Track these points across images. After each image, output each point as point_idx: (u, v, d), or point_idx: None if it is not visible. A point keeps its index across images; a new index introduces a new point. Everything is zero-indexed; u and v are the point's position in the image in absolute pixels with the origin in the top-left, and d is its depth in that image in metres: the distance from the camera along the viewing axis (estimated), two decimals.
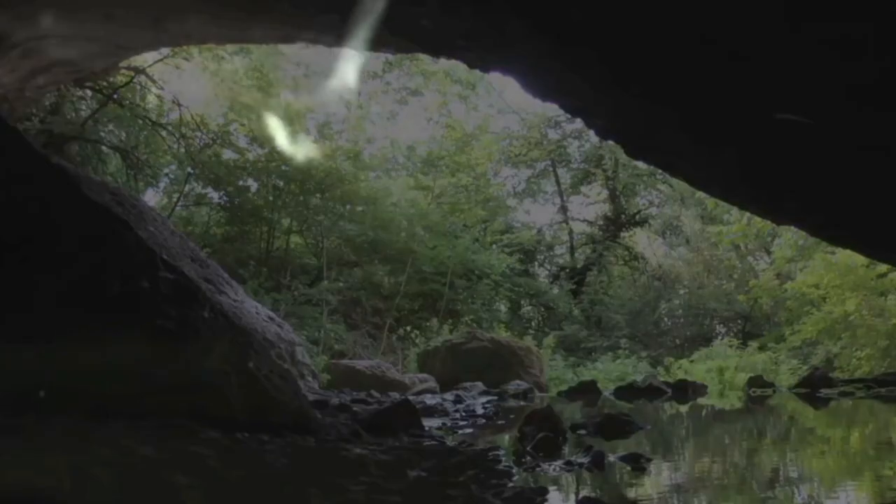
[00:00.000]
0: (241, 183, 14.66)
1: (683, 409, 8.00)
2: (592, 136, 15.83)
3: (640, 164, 18.21)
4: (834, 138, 3.28)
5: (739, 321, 18.95)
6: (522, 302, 20.99)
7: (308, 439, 3.25)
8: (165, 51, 11.24)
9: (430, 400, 7.22)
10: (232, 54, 13.45)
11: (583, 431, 4.71)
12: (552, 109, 19.14)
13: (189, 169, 14.06)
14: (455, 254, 16.31)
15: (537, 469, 3.32)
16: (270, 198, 14.71)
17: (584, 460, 3.38)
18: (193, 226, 15.09)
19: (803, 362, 12.99)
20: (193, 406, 2.96)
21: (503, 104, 22.02)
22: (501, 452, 3.64)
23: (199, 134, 13.64)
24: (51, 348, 2.70)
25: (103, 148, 12.50)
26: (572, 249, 22.78)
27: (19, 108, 7.78)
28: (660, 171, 12.00)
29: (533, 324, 20.76)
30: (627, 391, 9.13)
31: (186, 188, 14.79)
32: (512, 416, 6.43)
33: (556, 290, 21.07)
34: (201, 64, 13.25)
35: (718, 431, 6.30)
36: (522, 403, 8.28)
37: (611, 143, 5.77)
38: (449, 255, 16.25)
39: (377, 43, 6.25)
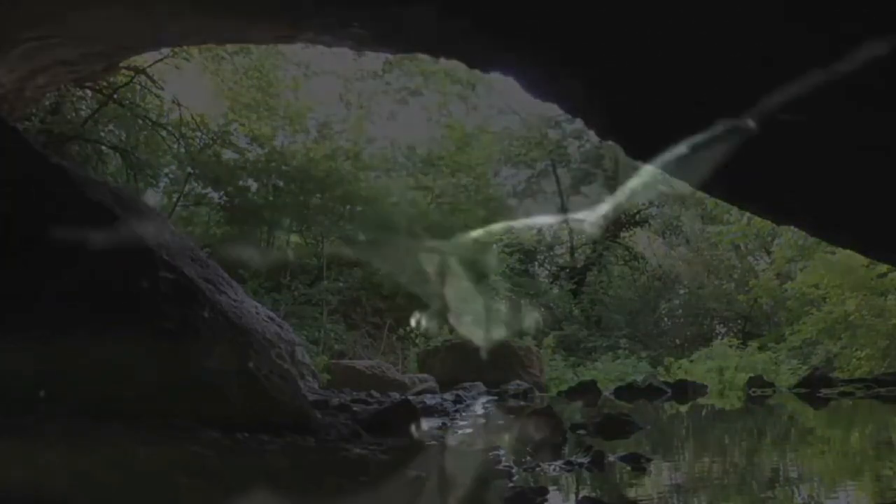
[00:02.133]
0: (241, 183, 14.66)
1: (683, 409, 7.99)
2: (592, 136, 15.81)
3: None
4: (834, 138, 3.28)
5: (739, 321, 18.93)
6: (522, 302, 20.98)
7: (308, 439, 3.25)
8: (165, 51, 11.24)
9: (430, 400, 7.22)
10: (232, 54, 13.46)
11: (583, 431, 4.71)
12: (552, 109, 19.06)
13: (189, 169, 14.06)
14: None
15: (537, 469, 3.32)
16: (270, 198, 14.71)
17: (584, 460, 3.38)
18: (193, 226, 15.09)
19: (803, 362, 12.96)
20: (193, 406, 2.96)
21: (503, 104, 22.06)
22: (501, 452, 3.64)
23: (199, 134, 13.64)
24: (51, 348, 2.70)
25: (103, 148, 12.49)
26: (572, 249, 22.77)
27: (19, 108, 7.77)
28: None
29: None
30: (627, 391, 9.12)
31: (186, 188, 14.79)
32: (512, 416, 6.43)
33: (556, 290, 21.06)
34: (201, 64, 13.26)
35: (718, 431, 6.30)
36: (522, 403, 8.28)
37: (611, 143, 5.77)
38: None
39: (377, 43, 6.25)
